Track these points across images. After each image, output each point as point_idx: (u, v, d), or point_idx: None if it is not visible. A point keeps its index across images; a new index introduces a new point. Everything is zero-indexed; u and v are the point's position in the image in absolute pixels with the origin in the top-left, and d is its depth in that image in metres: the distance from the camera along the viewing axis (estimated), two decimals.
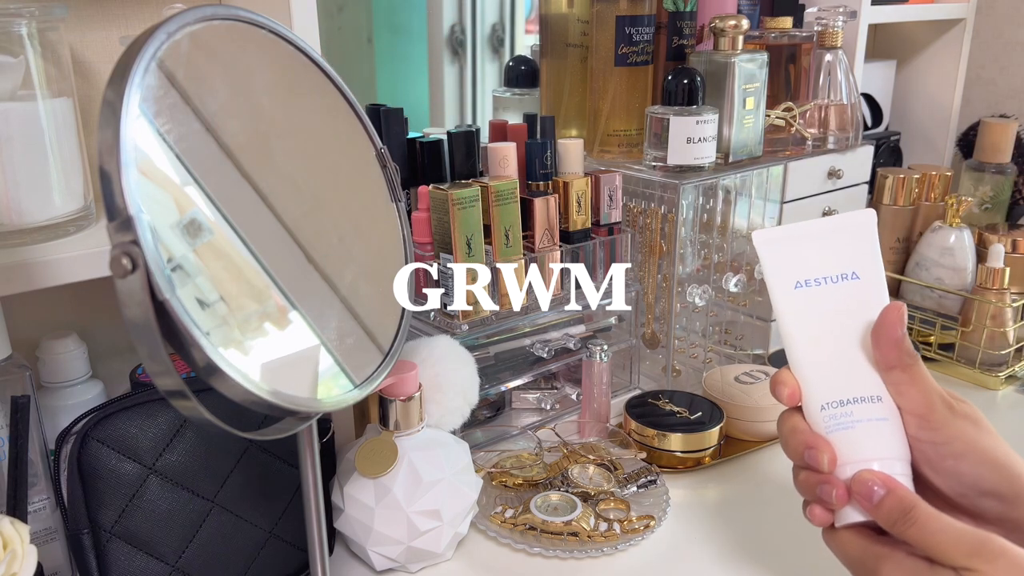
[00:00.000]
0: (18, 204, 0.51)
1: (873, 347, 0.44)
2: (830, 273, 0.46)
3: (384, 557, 0.62)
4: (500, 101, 1.00)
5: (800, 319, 0.46)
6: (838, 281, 0.46)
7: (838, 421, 0.44)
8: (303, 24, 0.61)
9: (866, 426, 0.44)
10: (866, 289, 0.46)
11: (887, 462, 0.43)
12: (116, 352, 0.71)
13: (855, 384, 0.44)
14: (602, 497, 0.70)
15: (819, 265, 0.47)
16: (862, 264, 0.46)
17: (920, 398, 0.43)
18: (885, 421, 0.44)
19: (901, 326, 0.44)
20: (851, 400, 0.44)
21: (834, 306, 0.46)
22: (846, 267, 0.46)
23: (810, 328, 0.46)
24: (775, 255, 0.47)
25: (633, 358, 0.89)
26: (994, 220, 1.15)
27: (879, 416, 0.44)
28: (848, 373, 0.45)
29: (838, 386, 0.45)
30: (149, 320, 0.36)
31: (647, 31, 0.86)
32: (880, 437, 0.44)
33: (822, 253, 0.47)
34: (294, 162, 0.50)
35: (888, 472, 0.42)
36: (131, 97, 0.37)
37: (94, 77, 0.65)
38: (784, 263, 0.47)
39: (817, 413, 0.45)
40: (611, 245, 0.82)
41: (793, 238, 0.47)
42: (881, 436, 0.44)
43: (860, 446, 0.43)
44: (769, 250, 0.48)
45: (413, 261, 0.56)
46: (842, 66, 0.96)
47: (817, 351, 0.46)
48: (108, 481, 0.52)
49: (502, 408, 0.85)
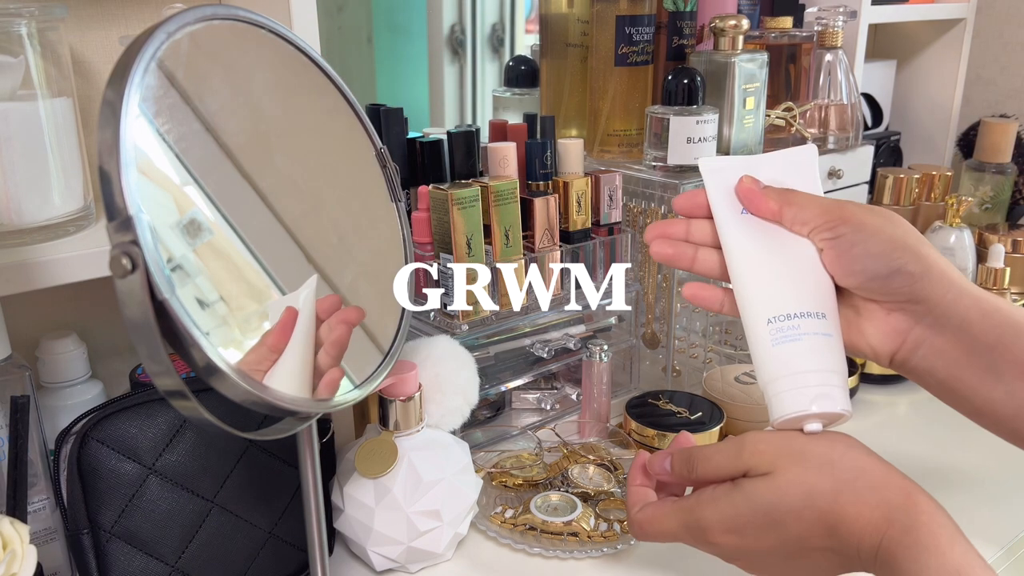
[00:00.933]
0: (18, 204, 0.51)
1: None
2: None
3: (384, 557, 0.62)
4: (500, 101, 1.00)
5: (746, 242, 0.48)
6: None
7: (785, 334, 0.45)
8: (303, 24, 0.61)
9: (811, 339, 0.45)
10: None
11: (824, 374, 0.44)
12: (116, 352, 0.71)
13: (802, 300, 0.46)
14: (602, 497, 0.70)
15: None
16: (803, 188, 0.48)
17: (818, 211, 0.46)
18: (829, 337, 0.45)
19: (756, 184, 0.48)
20: (797, 314, 0.45)
21: (779, 232, 0.48)
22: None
23: (756, 251, 0.48)
24: (723, 183, 0.49)
25: (633, 358, 0.89)
26: (994, 220, 1.15)
27: (824, 331, 0.45)
28: (794, 290, 0.46)
29: (785, 302, 0.46)
30: (149, 320, 0.36)
31: (647, 31, 0.86)
32: (822, 351, 0.45)
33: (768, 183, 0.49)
34: (294, 162, 0.50)
35: (825, 383, 0.44)
36: (131, 97, 0.37)
37: (94, 77, 0.65)
38: (731, 191, 0.49)
39: (763, 327, 0.46)
40: (611, 245, 0.82)
41: (739, 168, 0.49)
42: (823, 350, 0.45)
43: (802, 358, 0.45)
44: (717, 178, 0.50)
45: (413, 261, 0.56)
46: (842, 66, 0.96)
47: (763, 270, 0.47)
48: (108, 481, 0.52)
49: (502, 408, 0.85)
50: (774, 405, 0.45)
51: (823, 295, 0.46)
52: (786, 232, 0.48)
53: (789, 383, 0.44)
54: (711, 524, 0.44)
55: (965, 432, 0.52)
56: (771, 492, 0.43)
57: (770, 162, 0.50)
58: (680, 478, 0.48)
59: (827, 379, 0.44)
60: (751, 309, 0.47)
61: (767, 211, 0.48)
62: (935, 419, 0.85)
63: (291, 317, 0.44)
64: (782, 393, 0.45)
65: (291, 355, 0.45)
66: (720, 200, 0.49)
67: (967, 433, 0.51)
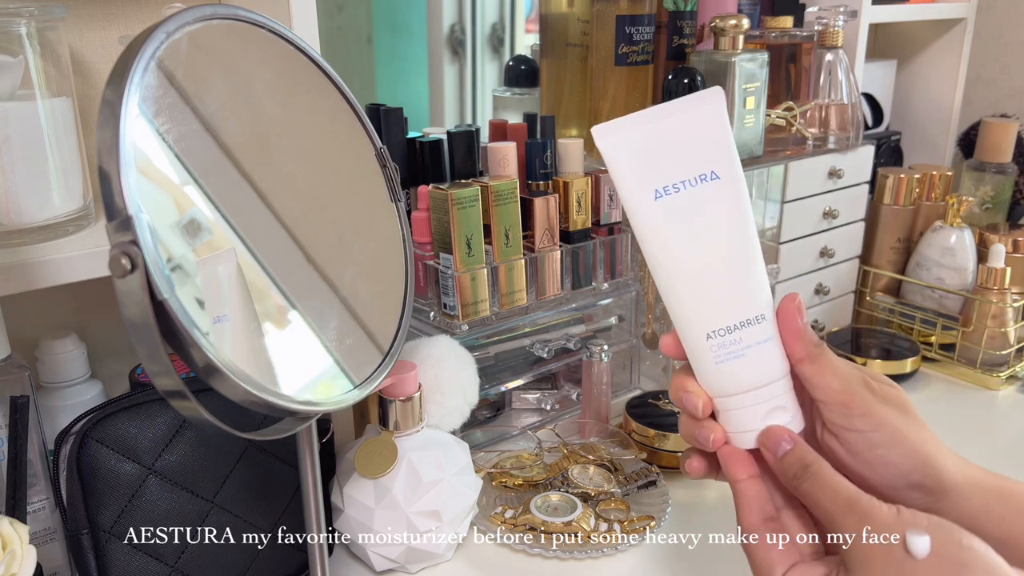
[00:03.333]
0: (17, 204, 0.51)
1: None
2: (688, 176, 0.40)
3: (384, 558, 0.62)
4: (500, 101, 1.00)
5: (667, 236, 0.41)
6: (697, 184, 0.40)
7: (728, 350, 0.41)
8: (303, 24, 0.61)
9: (755, 350, 0.41)
10: (727, 191, 0.40)
11: (773, 386, 0.41)
12: (115, 352, 0.71)
13: (741, 306, 0.41)
14: (602, 497, 0.70)
15: (674, 167, 0.40)
16: (719, 161, 0.40)
17: (837, 385, 0.41)
18: (771, 341, 0.41)
19: (801, 316, 0.42)
20: (739, 325, 0.41)
21: (699, 216, 0.40)
22: (704, 167, 0.40)
23: (679, 245, 0.41)
24: (626, 151, 0.41)
25: (633, 358, 0.89)
26: (995, 220, 1.15)
27: (766, 337, 0.41)
28: (731, 294, 0.41)
29: (724, 312, 0.41)
30: (148, 320, 0.36)
31: (647, 30, 0.86)
32: (768, 360, 0.41)
33: (676, 151, 0.40)
34: (294, 162, 0.50)
35: (775, 393, 0.41)
36: (130, 97, 0.37)
37: (93, 77, 0.65)
38: (637, 168, 0.40)
39: (703, 343, 0.41)
40: (611, 245, 0.82)
41: (641, 131, 0.41)
42: (769, 359, 0.41)
43: (749, 374, 0.41)
44: (616, 146, 0.41)
45: (413, 261, 0.56)
46: (843, 66, 0.96)
47: (692, 274, 0.41)
48: (107, 481, 0.52)
49: (502, 408, 0.85)
50: (726, 420, 0.42)
51: (759, 291, 0.41)
52: (713, 214, 0.40)
53: (739, 401, 0.41)
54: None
55: (961, 435, 0.52)
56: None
57: (673, 113, 0.41)
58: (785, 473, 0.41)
59: (775, 390, 0.41)
60: (686, 322, 0.42)
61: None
62: (930, 422, 0.84)
63: None
64: (733, 411, 0.42)
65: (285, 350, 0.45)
66: (627, 177, 0.41)
67: (963, 436, 0.51)
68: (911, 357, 0.94)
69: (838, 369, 0.41)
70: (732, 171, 0.41)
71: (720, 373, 0.41)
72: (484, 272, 0.73)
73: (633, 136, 0.41)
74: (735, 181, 0.41)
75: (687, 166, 0.40)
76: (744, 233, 0.41)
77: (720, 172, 0.40)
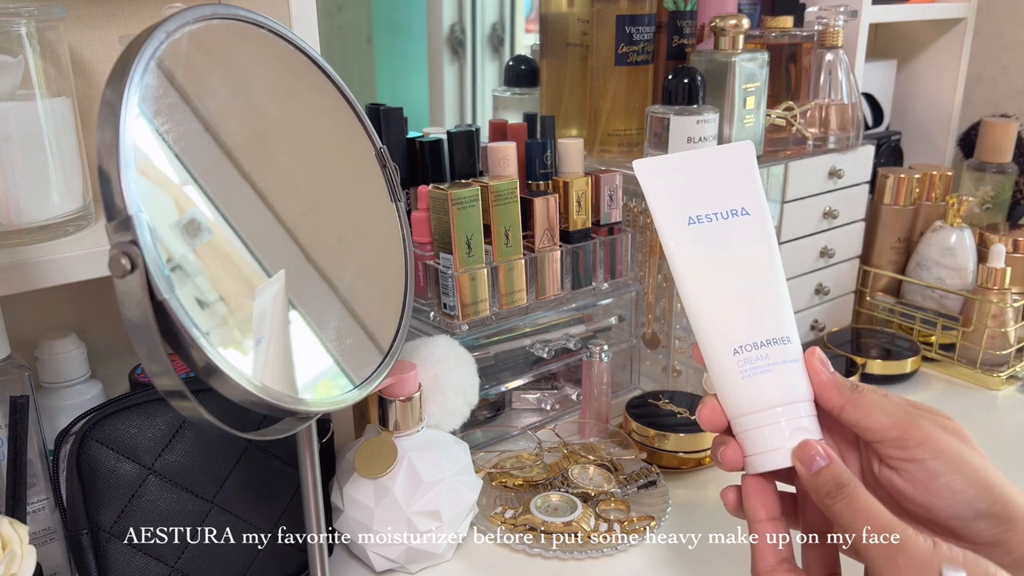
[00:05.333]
0: (17, 204, 0.51)
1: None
2: (720, 209, 0.45)
3: (384, 558, 0.62)
4: (500, 101, 1.00)
5: (698, 259, 0.44)
6: (728, 217, 0.44)
7: (754, 365, 0.42)
8: (303, 23, 0.61)
9: (780, 368, 0.42)
10: (755, 224, 0.44)
11: (796, 406, 0.42)
12: (115, 352, 0.71)
13: (768, 325, 0.43)
14: (602, 497, 0.70)
15: (708, 200, 0.45)
16: (749, 200, 0.45)
17: (887, 421, 0.40)
18: (796, 363, 0.43)
19: (826, 368, 0.43)
20: (765, 342, 0.42)
21: (728, 243, 0.44)
22: (735, 203, 0.45)
23: (709, 268, 0.44)
24: (664, 187, 0.45)
25: (633, 358, 0.89)
26: (995, 220, 1.15)
27: (792, 358, 0.42)
28: (759, 314, 0.43)
29: (751, 329, 0.43)
30: (148, 320, 0.36)
31: (647, 30, 0.86)
32: (792, 379, 0.42)
33: (710, 188, 0.45)
34: (294, 162, 0.50)
35: (796, 415, 0.42)
36: (130, 96, 0.37)
37: (93, 77, 0.65)
38: (674, 197, 0.45)
39: (729, 359, 0.43)
40: (611, 245, 0.82)
41: (677, 167, 0.45)
42: (792, 378, 0.42)
43: (773, 390, 0.42)
44: (656, 182, 0.45)
45: (413, 261, 0.56)
46: (843, 65, 0.96)
47: (721, 293, 0.43)
48: (107, 481, 0.52)
49: (502, 408, 0.85)
50: (747, 440, 0.43)
51: (784, 316, 0.43)
52: (742, 243, 0.44)
53: (763, 419, 0.42)
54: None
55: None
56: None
57: (707, 159, 0.46)
58: (818, 491, 0.40)
59: (799, 410, 0.42)
60: (713, 338, 0.43)
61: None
62: None
63: None
64: (756, 429, 0.42)
65: (283, 352, 0.44)
66: (663, 208, 0.45)
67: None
68: (911, 357, 0.94)
69: (883, 406, 0.41)
70: (760, 208, 0.45)
71: (746, 388, 0.42)
72: (484, 272, 0.73)
73: (672, 170, 0.45)
74: (763, 217, 0.45)
75: (720, 201, 0.45)
76: (771, 263, 0.44)
77: (750, 209, 0.45)
